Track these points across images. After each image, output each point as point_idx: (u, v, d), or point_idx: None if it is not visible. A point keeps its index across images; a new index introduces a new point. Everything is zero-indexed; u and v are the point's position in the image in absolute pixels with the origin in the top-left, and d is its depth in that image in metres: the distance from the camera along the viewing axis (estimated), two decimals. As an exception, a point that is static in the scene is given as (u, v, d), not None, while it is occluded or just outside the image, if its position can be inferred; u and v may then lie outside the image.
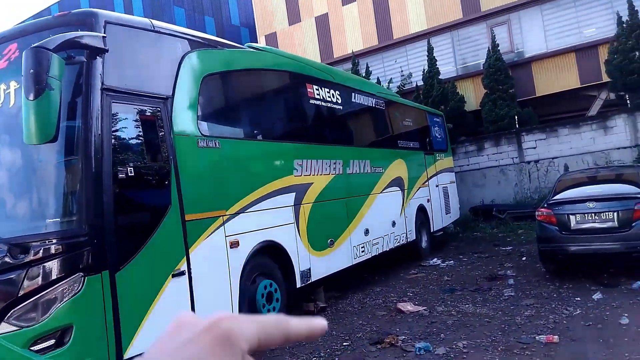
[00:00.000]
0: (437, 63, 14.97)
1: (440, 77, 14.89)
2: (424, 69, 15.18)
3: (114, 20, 4.20)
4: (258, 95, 6.45)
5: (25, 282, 3.60)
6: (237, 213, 5.19)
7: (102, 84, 3.95)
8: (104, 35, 3.99)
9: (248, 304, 5.23)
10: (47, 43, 3.51)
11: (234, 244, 5.06)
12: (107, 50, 3.97)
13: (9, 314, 3.60)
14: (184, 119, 4.75)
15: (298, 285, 6.00)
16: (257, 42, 18.20)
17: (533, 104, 14.60)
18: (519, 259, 8.79)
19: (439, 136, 11.88)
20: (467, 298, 6.48)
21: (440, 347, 4.70)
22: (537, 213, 7.19)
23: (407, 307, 6.22)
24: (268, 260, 5.65)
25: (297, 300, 6.36)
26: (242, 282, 5.11)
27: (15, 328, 3.59)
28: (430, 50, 14.98)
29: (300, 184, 6.32)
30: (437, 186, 11.11)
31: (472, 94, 15.16)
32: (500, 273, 7.73)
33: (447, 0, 15.52)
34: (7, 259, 3.65)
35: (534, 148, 13.73)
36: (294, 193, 6.19)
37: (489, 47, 14.27)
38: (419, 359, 4.52)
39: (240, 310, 5.04)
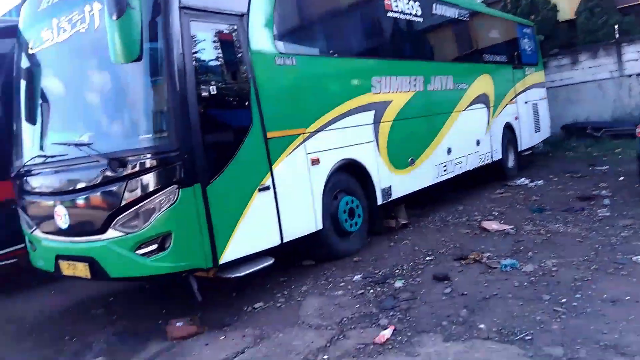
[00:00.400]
0: (527, -31, 13.59)
1: (530, -15, 13.55)
2: (511, -23, 13.87)
3: None
4: (333, 10, 6.20)
5: (126, 194, 3.87)
6: (317, 131, 5.18)
7: (180, 2, 3.95)
8: None
9: (331, 217, 5.34)
10: None
11: (315, 162, 5.10)
12: None
13: (114, 222, 3.93)
14: (261, 37, 4.69)
15: (379, 202, 6.01)
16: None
17: (635, 12, 12.99)
18: (616, 178, 8.20)
19: (528, 49, 10.98)
20: (557, 218, 6.19)
21: (527, 265, 4.57)
22: (637, 130, 6.59)
23: (492, 225, 6.07)
24: (349, 178, 5.66)
25: (379, 217, 6.38)
26: (325, 197, 5.18)
27: (121, 234, 3.93)
28: (519, -46, 13.58)
29: (379, 102, 6.15)
30: (526, 103, 10.41)
31: (566, 3, 13.70)
32: (594, 193, 7.28)
33: None
34: (107, 172, 3.93)
35: (636, 60, 12.38)
36: (373, 111, 6.05)
37: (586, -51, 12.70)
38: (505, 276, 4.43)
39: (325, 223, 5.17)
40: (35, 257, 4.89)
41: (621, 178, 8.13)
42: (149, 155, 3.87)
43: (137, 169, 3.87)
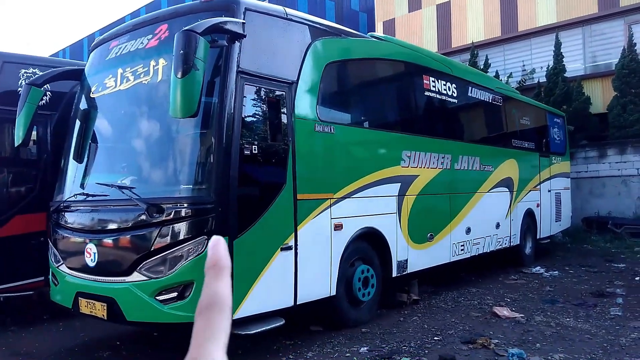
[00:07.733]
0: (564, 60, 14.00)
1: (565, 75, 13.92)
2: (548, 65, 14.28)
3: (253, 7, 4.52)
4: (374, 83, 6.55)
5: (157, 239, 4.07)
6: (344, 197, 5.37)
7: (238, 66, 4.28)
8: (244, 21, 4.32)
9: (345, 284, 5.43)
10: (196, 27, 3.83)
11: (338, 227, 5.27)
12: (245, 36, 4.30)
13: (141, 265, 4.10)
14: (305, 104, 4.99)
15: (394, 274, 6.09)
16: (374, 28, 18.26)
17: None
18: (632, 278, 8.13)
19: (557, 138, 11.19)
20: (568, 311, 6.18)
21: (535, 357, 4.58)
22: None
23: (503, 312, 6.08)
24: (368, 247, 5.80)
25: (392, 289, 6.46)
26: (342, 263, 5.29)
27: (144, 278, 4.08)
28: (557, 45, 14.04)
29: (406, 175, 6.36)
30: (549, 191, 10.49)
31: (600, 96, 14.02)
32: (608, 290, 7.24)
33: (583, -7, 14.39)
34: (143, 217, 4.15)
35: (665, 160, 12.48)
36: (400, 184, 6.25)
37: (624, 46, 13.10)
38: (510, 365, 4.45)
39: (338, 290, 5.27)
40: (55, 291, 5.02)
41: (637, 278, 8.07)
42: (185, 205, 4.12)
43: (172, 216, 4.09)
